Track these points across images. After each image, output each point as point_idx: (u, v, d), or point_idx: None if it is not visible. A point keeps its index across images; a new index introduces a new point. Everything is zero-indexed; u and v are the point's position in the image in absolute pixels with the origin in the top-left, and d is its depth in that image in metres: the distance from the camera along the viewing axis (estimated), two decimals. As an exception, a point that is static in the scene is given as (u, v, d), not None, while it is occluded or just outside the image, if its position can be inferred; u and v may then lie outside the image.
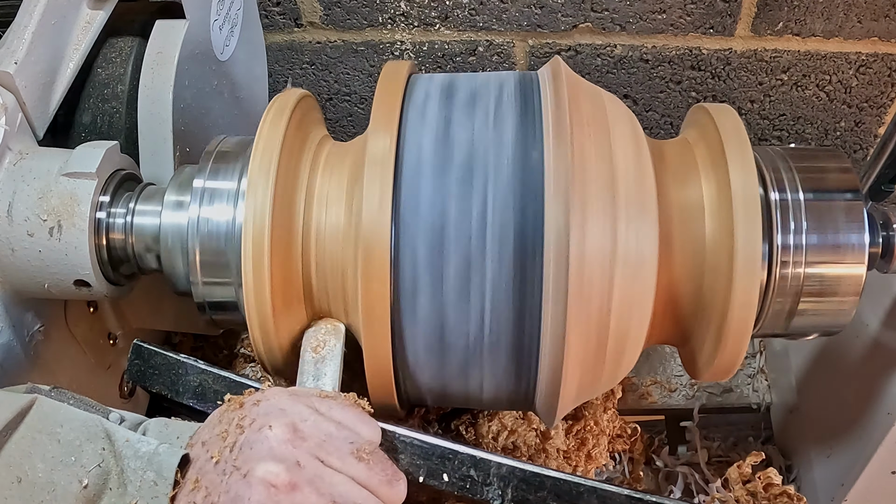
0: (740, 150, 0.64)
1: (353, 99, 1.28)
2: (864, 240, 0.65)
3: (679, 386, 1.13)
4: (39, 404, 0.54)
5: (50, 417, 0.54)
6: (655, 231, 0.62)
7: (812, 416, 1.02)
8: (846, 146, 1.28)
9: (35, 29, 0.69)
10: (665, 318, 0.66)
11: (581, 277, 0.58)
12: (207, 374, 0.67)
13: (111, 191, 0.70)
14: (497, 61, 1.21)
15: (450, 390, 0.67)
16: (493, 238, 0.60)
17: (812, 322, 0.68)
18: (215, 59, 0.87)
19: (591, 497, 0.60)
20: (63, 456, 0.52)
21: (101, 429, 0.54)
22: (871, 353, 0.90)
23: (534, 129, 0.63)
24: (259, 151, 0.65)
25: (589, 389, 0.66)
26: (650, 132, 1.26)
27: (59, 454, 0.52)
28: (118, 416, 0.58)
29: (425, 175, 0.62)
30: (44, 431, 0.53)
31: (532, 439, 0.82)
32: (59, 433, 0.53)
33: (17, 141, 0.69)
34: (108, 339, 0.84)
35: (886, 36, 1.14)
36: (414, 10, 1.16)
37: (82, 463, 0.52)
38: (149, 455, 0.53)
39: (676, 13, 1.13)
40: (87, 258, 0.67)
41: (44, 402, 0.54)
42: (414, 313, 0.62)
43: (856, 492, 0.91)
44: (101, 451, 0.53)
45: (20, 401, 0.53)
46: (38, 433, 0.52)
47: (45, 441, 0.52)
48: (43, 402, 0.54)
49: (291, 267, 0.65)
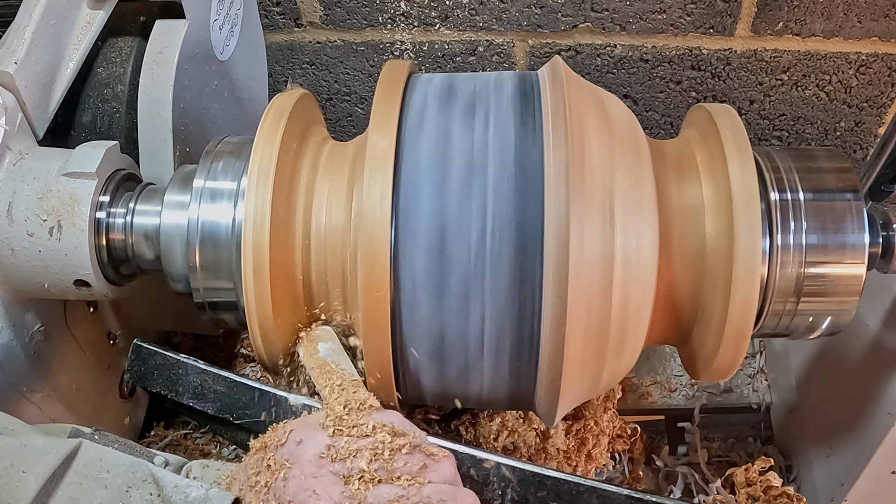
0: (740, 150, 0.64)
1: (353, 99, 1.28)
2: (863, 240, 0.65)
3: (679, 386, 1.13)
4: (85, 449, 0.54)
5: (96, 463, 0.53)
6: (655, 231, 0.62)
7: (812, 416, 1.02)
8: (846, 146, 1.28)
9: (35, 29, 0.69)
10: (665, 319, 0.66)
11: (581, 278, 0.58)
12: (207, 374, 0.67)
13: (111, 191, 0.70)
14: (497, 61, 1.21)
15: (450, 390, 0.67)
16: (494, 238, 0.60)
17: (812, 322, 0.68)
18: (215, 59, 0.87)
19: (591, 497, 0.60)
20: (111, 502, 0.52)
21: (147, 473, 0.54)
22: (871, 353, 0.90)
23: (533, 129, 0.63)
24: (259, 151, 0.65)
25: (589, 390, 0.66)
26: (650, 132, 1.26)
27: (106, 500, 0.52)
28: (163, 459, 0.57)
29: (425, 175, 0.62)
30: (90, 477, 0.52)
31: (532, 439, 0.82)
32: (106, 479, 0.53)
33: (17, 141, 0.69)
34: (108, 339, 0.84)
35: (886, 36, 1.14)
36: (414, 10, 1.16)
37: None
38: (200, 499, 0.52)
39: (676, 13, 1.13)
40: (87, 258, 0.67)
41: (89, 446, 0.54)
42: (414, 313, 0.62)
43: (856, 492, 0.91)
44: (149, 497, 0.52)
45: (66, 446, 0.53)
46: (84, 479, 0.52)
47: (92, 488, 0.52)
48: (88, 447, 0.54)
49: (291, 267, 0.65)
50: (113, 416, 0.87)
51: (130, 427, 0.91)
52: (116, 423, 0.88)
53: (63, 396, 0.77)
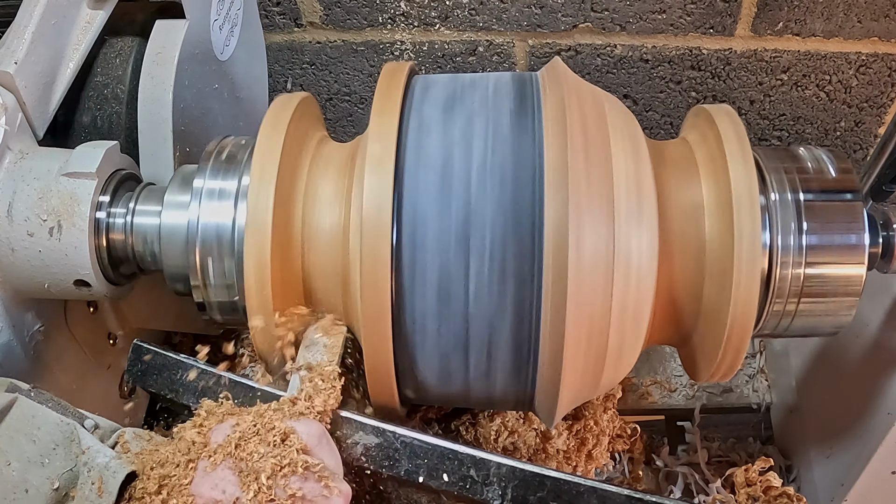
0: (740, 150, 0.64)
1: (353, 99, 1.28)
2: (863, 240, 0.65)
3: (679, 386, 1.13)
4: (20, 404, 0.55)
5: (28, 420, 0.55)
6: (655, 232, 0.62)
7: (812, 416, 1.02)
8: (846, 146, 1.28)
9: (35, 29, 0.69)
10: (665, 319, 0.66)
11: (580, 278, 0.58)
12: (207, 374, 0.67)
13: (111, 191, 0.70)
14: (497, 61, 1.21)
15: (450, 390, 0.67)
16: (494, 238, 0.60)
17: (812, 322, 0.68)
18: (215, 59, 0.87)
19: (590, 497, 0.60)
20: (37, 458, 0.53)
21: (74, 434, 0.55)
22: (871, 353, 0.90)
23: (533, 130, 0.63)
24: (260, 152, 0.65)
25: (588, 390, 0.66)
26: (650, 132, 1.26)
27: (34, 455, 0.53)
28: (93, 422, 0.59)
29: (425, 175, 0.62)
30: (21, 431, 0.54)
31: (532, 439, 0.82)
32: (36, 435, 0.54)
33: (17, 141, 0.69)
34: (108, 339, 0.84)
35: (886, 36, 1.14)
36: (414, 10, 1.16)
37: (55, 466, 0.53)
38: (102, 466, 0.54)
39: (676, 13, 1.13)
40: (87, 258, 0.67)
41: (24, 402, 0.55)
42: (414, 314, 0.62)
43: (856, 492, 0.91)
44: (73, 457, 0.54)
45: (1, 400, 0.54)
46: (16, 433, 0.54)
47: (21, 441, 0.53)
48: (23, 403, 0.55)
49: (292, 267, 0.65)
50: (113, 416, 0.87)
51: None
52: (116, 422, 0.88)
53: (63, 396, 0.76)
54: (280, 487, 0.52)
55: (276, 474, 0.52)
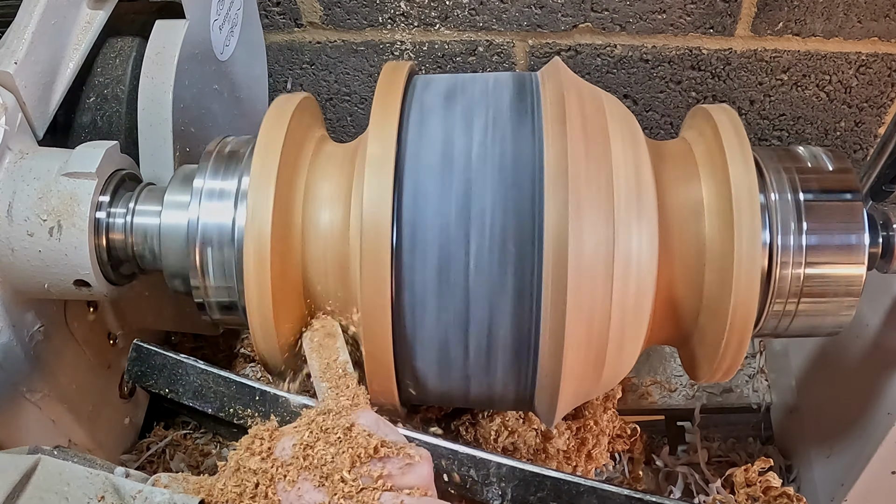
0: (740, 150, 0.64)
1: (353, 99, 1.28)
2: (863, 240, 0.65)
3: (679, 386, 1.13)
4: (44, 464, 0.54)
5: (56, 477, 0.53)
6: (655, 232, 0.62)
7: (812, 416, 1.02)
8: (846, 146, 1.28)
9: (35, 29, 0.69)
10: (665, 319, 0.66)
11: (580, 278, 0.58)
12: (207, 374, 0.67)
13: (111, 191, 0.70)
14: (497, 61, 1.21)
15: (451, 390, 0.67)
16: (494, 238, 0.60)
17: (812, 322, 0.68)
18: (215, 59, 0.87)
19: (590, 497, 0.60)
20: None
21: (108, 484, 0.54)
22: (871, 353, 0.90)
23: (533, 130, 0.63)
24: (260, 152, 0.65)
25: (588, 390, 0.66)
26: (650, 132, 1.26)
27: None
28: (123, 471, 0.57)
29: (425, 176, 0.62)
30: (51, 490, 0.52)
31: (532, 439, 0.82)
32: (67, 491, 0.53)
33: (17, 141, 0.69)
34: (108, 339, 0.84)
35: (886, 36, 1.14)
36: (414, 10, 1.16)
37: None
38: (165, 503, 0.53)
39: (676, 13, 1.13)
40: (87, 258, 0.67)
41: (48, 461, 0.54)
42: (414, 314, 0.62)
43: (856, 492, 0.91)
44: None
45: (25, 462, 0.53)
46: (45, 493, 0.52)
47: (53, 500, 0.52)
48: (47, 462, 0.54)
49: (292, 267, 0.65)
50: (113, 416, 0.87)
51: (130, 427, 0.91)
52: (116, 423, 0.88)
53: (63, 396, 0.77)
54: (365, 475, 0.53)
55: (355, 465, 0.53)
